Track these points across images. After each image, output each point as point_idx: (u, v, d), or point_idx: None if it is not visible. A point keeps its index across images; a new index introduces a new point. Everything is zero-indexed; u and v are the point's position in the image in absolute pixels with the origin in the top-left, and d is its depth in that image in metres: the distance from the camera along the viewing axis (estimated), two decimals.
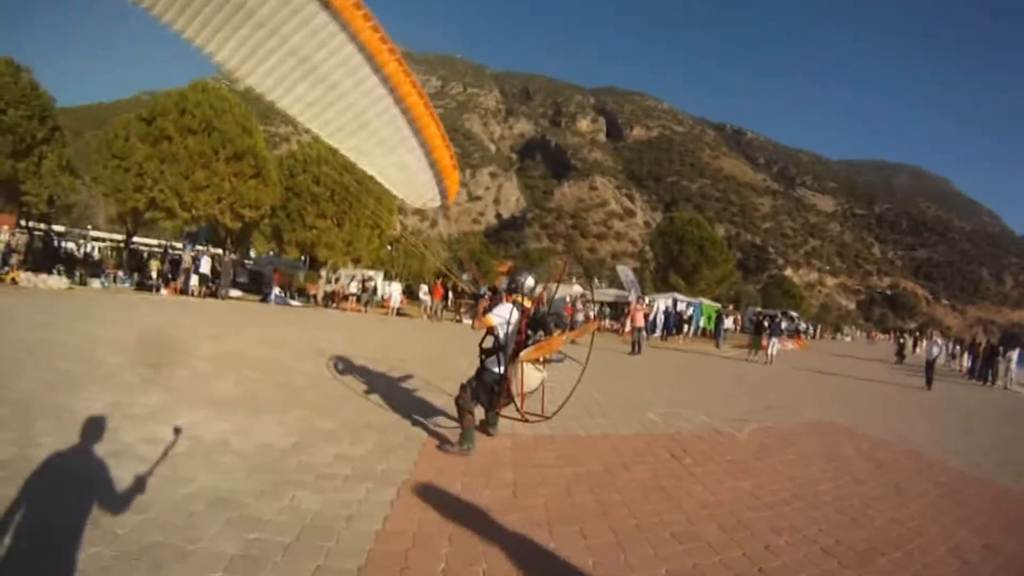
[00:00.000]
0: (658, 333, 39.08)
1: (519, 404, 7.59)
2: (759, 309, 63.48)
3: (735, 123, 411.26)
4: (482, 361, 7.85)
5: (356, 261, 44.49)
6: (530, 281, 7.89)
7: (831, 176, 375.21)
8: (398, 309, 37.60)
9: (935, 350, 26.10)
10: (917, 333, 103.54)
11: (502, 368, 7.50)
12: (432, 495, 5.80)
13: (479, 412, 7.91)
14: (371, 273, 45.26)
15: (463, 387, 7.64)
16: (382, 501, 5.51)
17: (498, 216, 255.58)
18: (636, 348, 25.59)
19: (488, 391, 7.63)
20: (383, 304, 40.38)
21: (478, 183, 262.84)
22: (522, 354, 7.38)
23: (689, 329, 41.74)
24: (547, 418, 8.08)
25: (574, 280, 71.25)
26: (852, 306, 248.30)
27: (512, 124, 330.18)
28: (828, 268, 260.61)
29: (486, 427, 8.24)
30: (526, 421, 7.90)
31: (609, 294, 48.37)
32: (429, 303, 37.73)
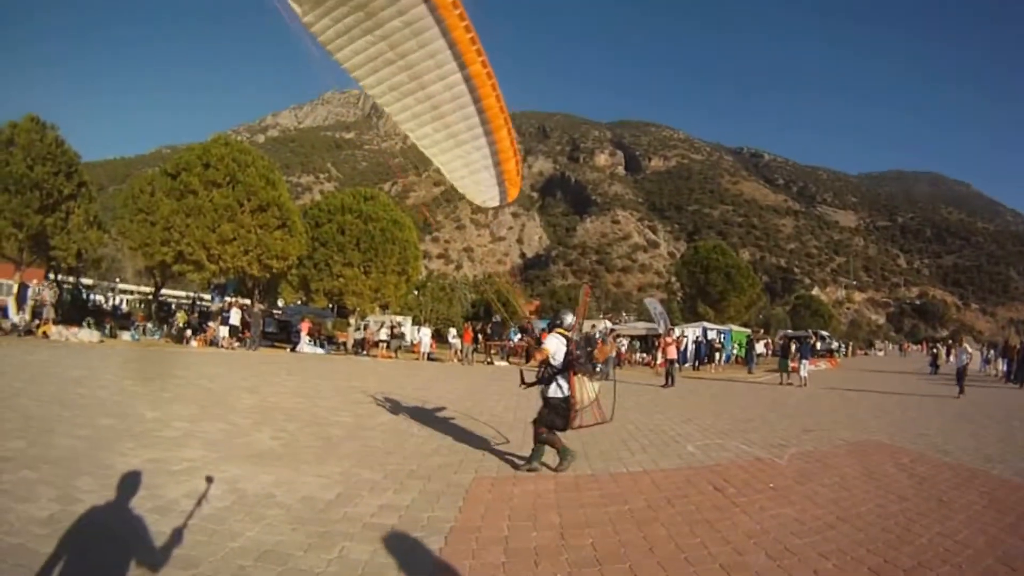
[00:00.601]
0: (689, 363, 38.76)
1: (582, 417, 8.70)
2: (789, 331, 63.20)
3: (752, 146, 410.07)
4: (543, 392, 8.79)
5: (384, 307, 44.63)
6: (569, 318, 9.05)
7: (851, 191, 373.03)
8: (428, 354, 37.28)
9: (964, 358, 25.89)
10: (950, 341, 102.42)
11: (565, 389, 8.47)
12: (480, 541, 5.77)
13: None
14: (400, 319, 45.37)
15: (536, 423, 8.68)
16: (429, 550, 5.48)
17: (522, 255, 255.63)
18: (670, 380, 25.26)
19: (562, 414, 8.50)
20: (413, 349, 40.22)
21: (501, 224, 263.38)
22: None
23: (721, 357, 41.38)
24: (608, 421, 9.18)
25: (602, 316, 71.18)
26: (882, 320, 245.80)
27: (531, 163, 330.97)
28: (855, 284, 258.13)
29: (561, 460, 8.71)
30: (590, 425, 9.01)
31: (639, 327, 48.08)
32: (459, 346, 37.18)
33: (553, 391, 8.59)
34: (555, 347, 8.60)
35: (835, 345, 68.46)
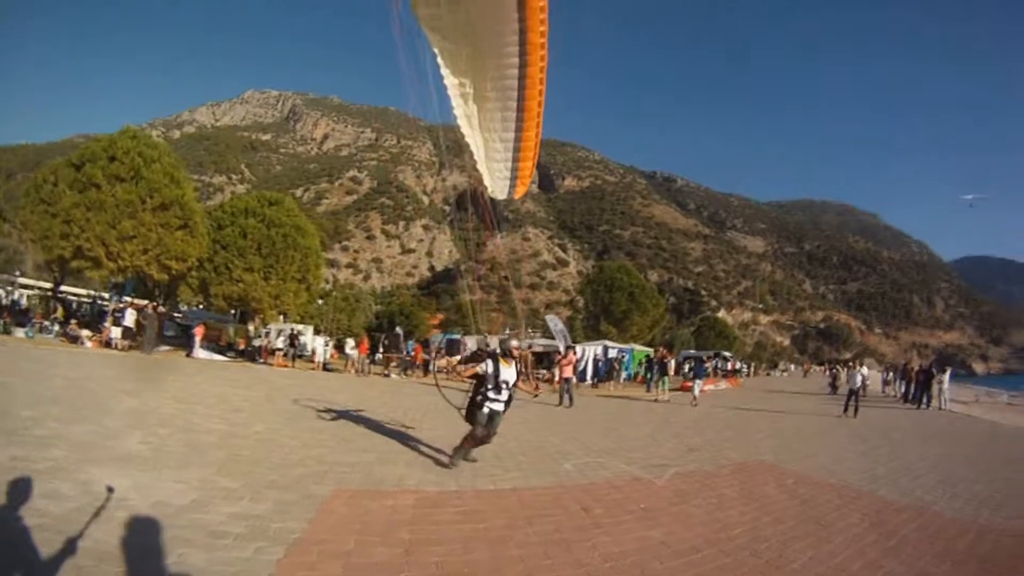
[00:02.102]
0: (588, 380, 38.82)
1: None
2: (691, 352, 64.42)
3: (666, 171, 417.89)
4: (473, 401, 9.90)
5: (284, 315, 43.89)
6: (514, 342, 10.59)
7: (761, 218, 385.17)
8: (325, 364, 36.68)
9: (858, 379, 26.54)
10: (852, 363, 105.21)
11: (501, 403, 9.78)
12: (322, 554, 5.61)
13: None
14: (300, 327, 44.60)
15: (470, 417, 9.92)
16: (268, 560, 5.34)
17: (431, 269, 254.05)
18: (563, 399, 24.18)
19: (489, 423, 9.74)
20: (312, 359, 39.58)
21: (411, 236, 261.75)
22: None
23: (620, 375, 41.37)
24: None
25: (506, 331, 71.31)
26: (787, 342, 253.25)
27: (445, 176, 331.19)
28: (761, 307, 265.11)
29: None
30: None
31: (539, 344, 47.90)
32: (356, 358, 36.35)
33: (495, 405, 9.70)
34: (493, 369, 9.72)
35: (738, 365, 69.54)
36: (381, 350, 40.93)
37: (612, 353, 42.19)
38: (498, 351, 10.11)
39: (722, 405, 28.01)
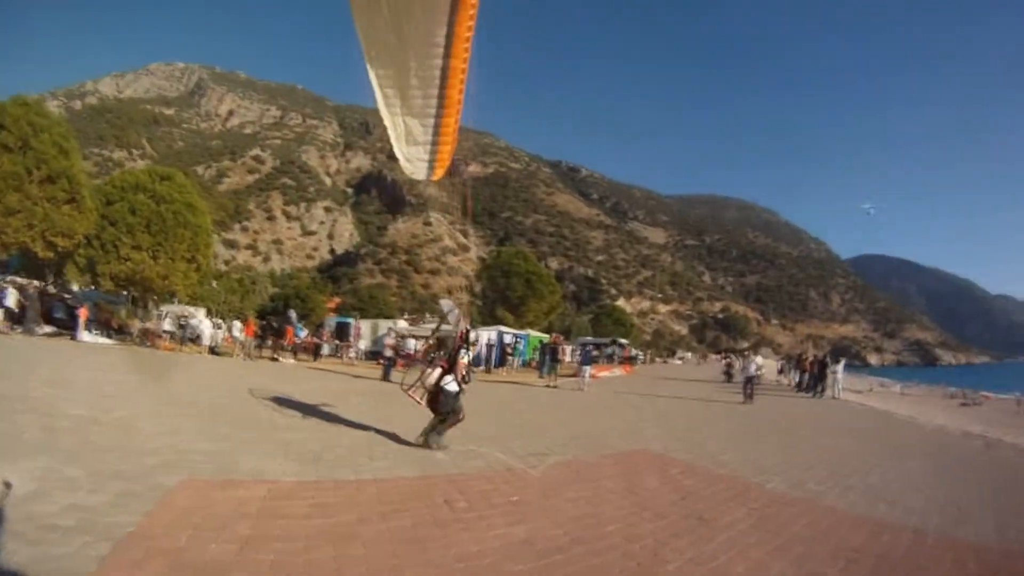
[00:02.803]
0: (482, 366, 38.41)
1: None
2: (588, 339, 64.88)
3: (571, 161, 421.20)
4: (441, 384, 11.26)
5: (173, 296, 42.41)
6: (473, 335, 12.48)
7: (664, 210, 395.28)
8: (213, 348, 35.18)
9: (752, 368, 26.98)
10: (748, 352, 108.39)
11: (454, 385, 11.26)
12: (150, 551, 5.08)
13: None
14: (192, 310, 43.05)
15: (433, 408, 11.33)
16: (92, 557, 4.83)
17: (332, 251, 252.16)
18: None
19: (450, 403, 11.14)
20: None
21: (312, 217, 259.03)
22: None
23: (514, 361, 41.29)
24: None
25: (404, 316, 70.92)
26: (685, 331, 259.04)
27: (349, 158, 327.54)
28: (660, 296, 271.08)
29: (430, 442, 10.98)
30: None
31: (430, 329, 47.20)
32: (243, 341, 35.20)
33: (450, 386, 11.17)
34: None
35: (632, 353, 70.23)
36: (270, 334, 39.61)
37: (507, 339, 41.91)
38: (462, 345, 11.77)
39: (613, 392, 27.98)
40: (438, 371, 11.66)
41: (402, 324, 46.49)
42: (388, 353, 27.61)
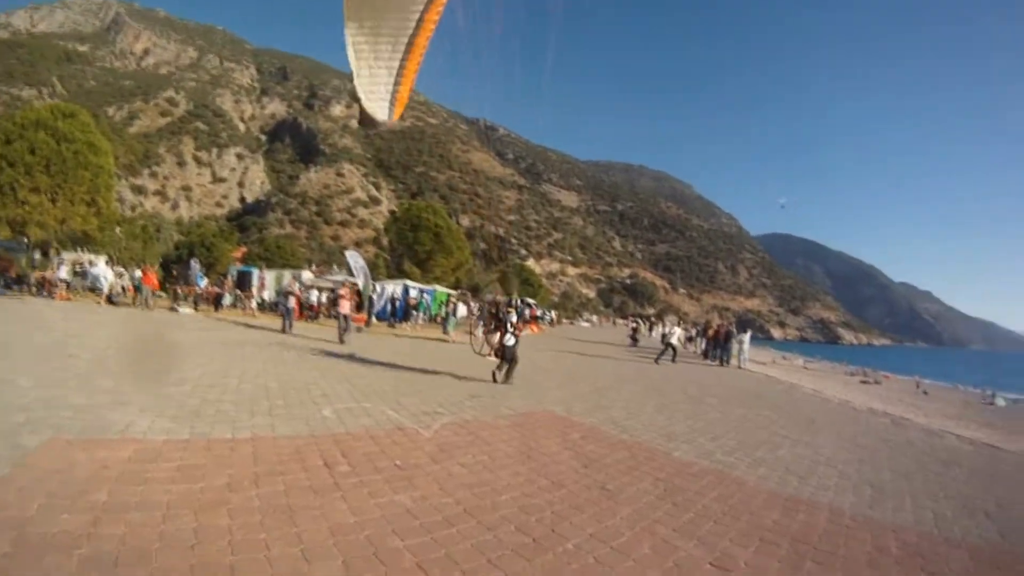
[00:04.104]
0: (386, 319, 38.33)
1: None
2: (497, 297, 65.30)
3: (489, 120, 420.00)
4: (504, 341, 15.83)
5: (76, 242, 40.46)
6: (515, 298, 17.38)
7: (578, 174, 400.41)
8: (110, 296, 32.52)
9: (675, 336, 27.70)
10: (654, 318, 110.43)
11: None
12: None
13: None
14: (92, 257, 41.04)
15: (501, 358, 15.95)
16: None
17: (242, 200, 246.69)
18: (341, 337, 23.34)
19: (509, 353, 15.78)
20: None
21: (224, 164, 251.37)
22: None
23: (419, 315, 40.75)
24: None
25: (311, 267, 70.17)
26: (593, 294, 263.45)
27: (265, 104, 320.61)
28: (570, 259, 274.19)
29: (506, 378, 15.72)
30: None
31: (337, 280, 46.20)
32: (141, 289, 32.47)
33: (509, 341, 15.73)
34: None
35: (539, 313, 70.66)
36: (172, 283, 38.48)
37: (413, 293, 41.57)
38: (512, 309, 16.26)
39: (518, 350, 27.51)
40: (498, 334, 15.99)
41: (307, 275, 45.43)
42: (291, 303, 26.69)
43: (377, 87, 10.46)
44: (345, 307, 24.62)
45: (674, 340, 28.26)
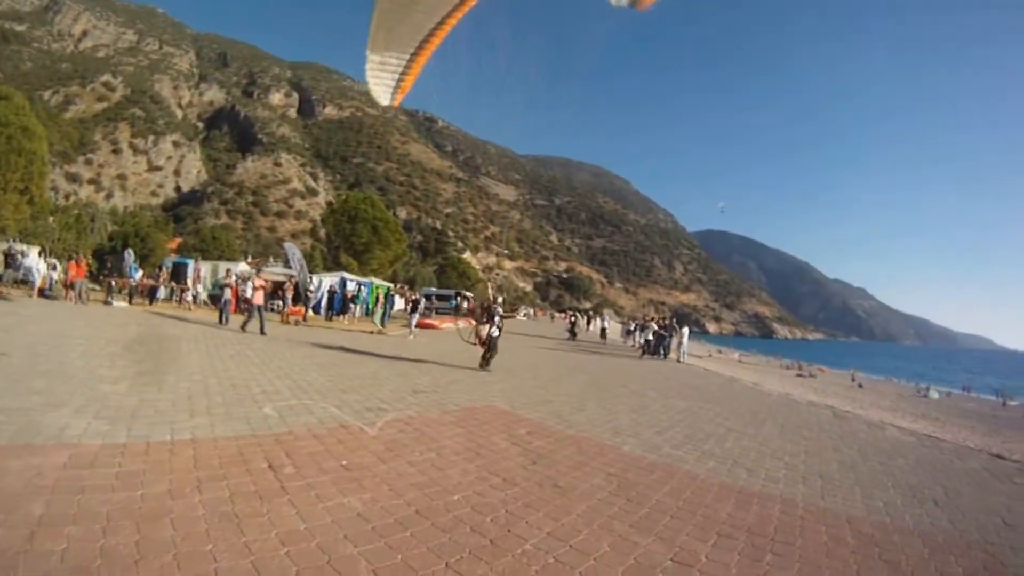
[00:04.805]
0: (322, 312, 37.98)
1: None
2: (433, 290, 65.75)
3: (428, 112, 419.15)
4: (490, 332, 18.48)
5: (3, 232, 39.16)
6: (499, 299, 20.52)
7: (516, 168, 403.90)
8: (42, 290, 31.10)
9: (605, 323, 28.00)
10: (591, 312, 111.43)
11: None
12: None
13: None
14: (24, 247, 39.46)
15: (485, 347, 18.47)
16: None
17: (178, 189, 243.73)
18: (244, 326, 23.58)
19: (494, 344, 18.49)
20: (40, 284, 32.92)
21: (160, 152, 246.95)
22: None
23: (356, 309, 40.55)
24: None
25: (247, 259, 69.43)
26: (529, 288, 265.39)
27: (204, 91, 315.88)
28: (507, 252, 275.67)
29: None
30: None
31: (277, 273, 45.56)
32: (72, 282, 30.82)
33: (494, 331, 18.40)
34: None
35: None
36: (104, 275, 37.36)
37: (351, 286, 41.14)
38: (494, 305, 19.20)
39: (454, 343, 26.36)
40: (486, 326, 18.47)
41: (244, 267, 44.71)
42: (227, 296, 26.33)
43: (386, 74, 11.22)
44: (258, 298, 24.44)
45: (605, 324, 28.87)
